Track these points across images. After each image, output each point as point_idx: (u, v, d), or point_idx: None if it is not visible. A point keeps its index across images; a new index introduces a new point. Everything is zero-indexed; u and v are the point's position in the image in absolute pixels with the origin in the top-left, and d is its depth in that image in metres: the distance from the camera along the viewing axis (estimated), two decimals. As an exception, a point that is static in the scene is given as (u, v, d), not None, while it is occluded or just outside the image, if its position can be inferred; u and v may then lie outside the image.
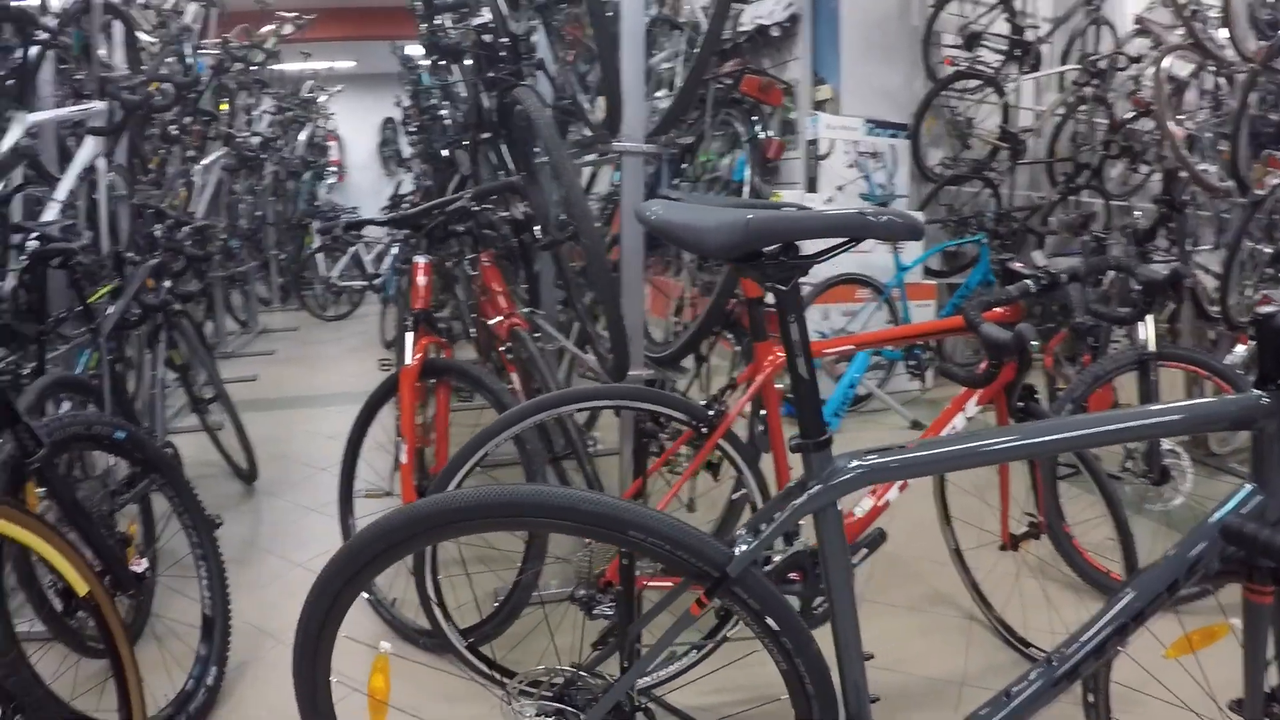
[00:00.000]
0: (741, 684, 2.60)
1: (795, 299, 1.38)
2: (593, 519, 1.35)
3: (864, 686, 1.48)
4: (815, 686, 1.43)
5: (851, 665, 1.47)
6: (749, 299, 2.46)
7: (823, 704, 1.44)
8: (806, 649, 1.42)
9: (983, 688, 2.61)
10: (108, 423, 2.58)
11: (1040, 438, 1.48)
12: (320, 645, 1.47)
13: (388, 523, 1.37)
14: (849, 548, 2.16)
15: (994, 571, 3.00)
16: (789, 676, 1.43)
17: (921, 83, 6.82)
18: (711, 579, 1.37)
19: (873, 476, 1.44)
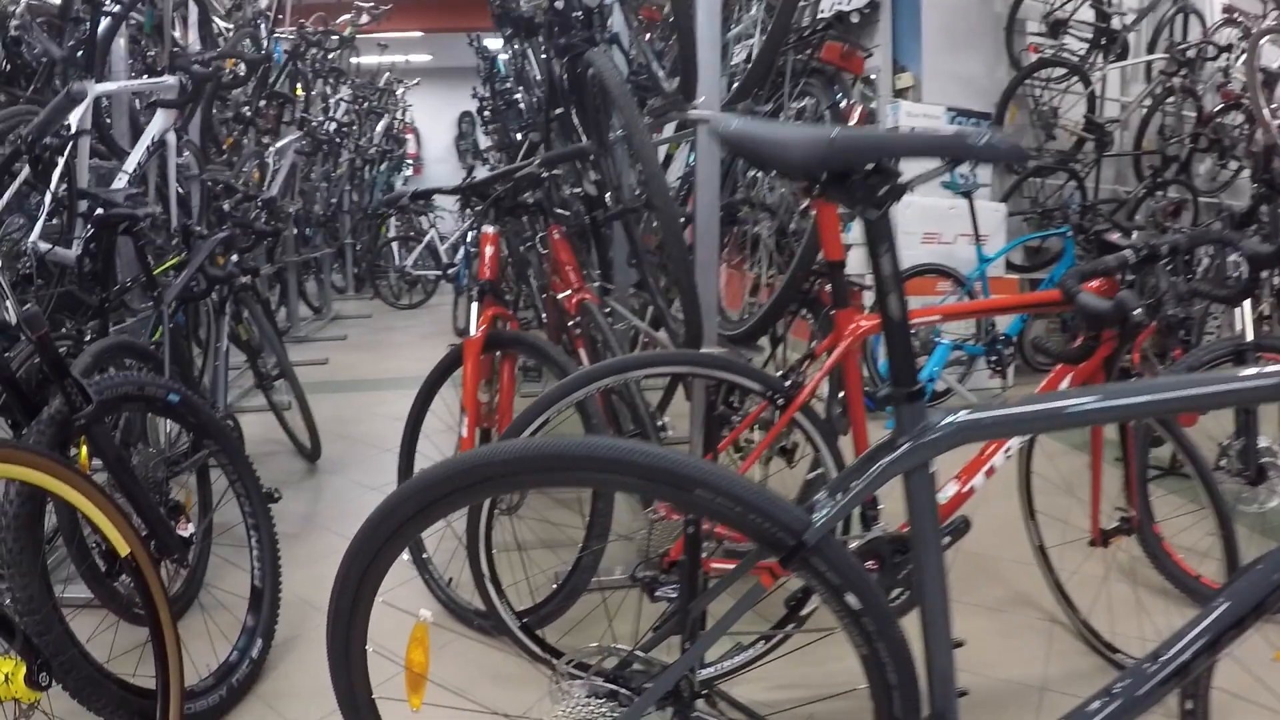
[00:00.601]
0: (811, 681, 2.47)
1: (887, 228, 1.23)
2: (655, 474, 1.20)
3: (952, 677, 1.32)
4: (898, 675, 1.27)
5: (939, 652, 1.31)
6: (830, 263, 2.29)
7: (905, 696, 1.28)
8: (889, 632, 1.26)
9: (1066, 694, 2.43)
10: (161, 385, 2.50)
11: (1145, 396, 1.29)
12: (356, 610, 1.35)
13: (432, 474, 1.25)
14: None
15: (1079, 572, 2.80)
16: (869, 664, 1.28)
17: (1004, 71, 6.61)
18: (787, 548, 1.22)
19: (969, 433, 1.27)
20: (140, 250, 3.48)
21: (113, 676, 2.08)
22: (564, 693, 1.34)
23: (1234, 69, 6.38)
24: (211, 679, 2.42)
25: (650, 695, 1.31)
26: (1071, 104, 6.78)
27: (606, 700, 1.33)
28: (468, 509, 2.29)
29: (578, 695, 1.33)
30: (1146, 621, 2.57)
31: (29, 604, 1.90)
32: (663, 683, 1.31)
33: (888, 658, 1.26)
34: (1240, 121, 6.19)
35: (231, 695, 2.42)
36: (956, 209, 5.80)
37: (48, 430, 2.15)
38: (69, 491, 1.95)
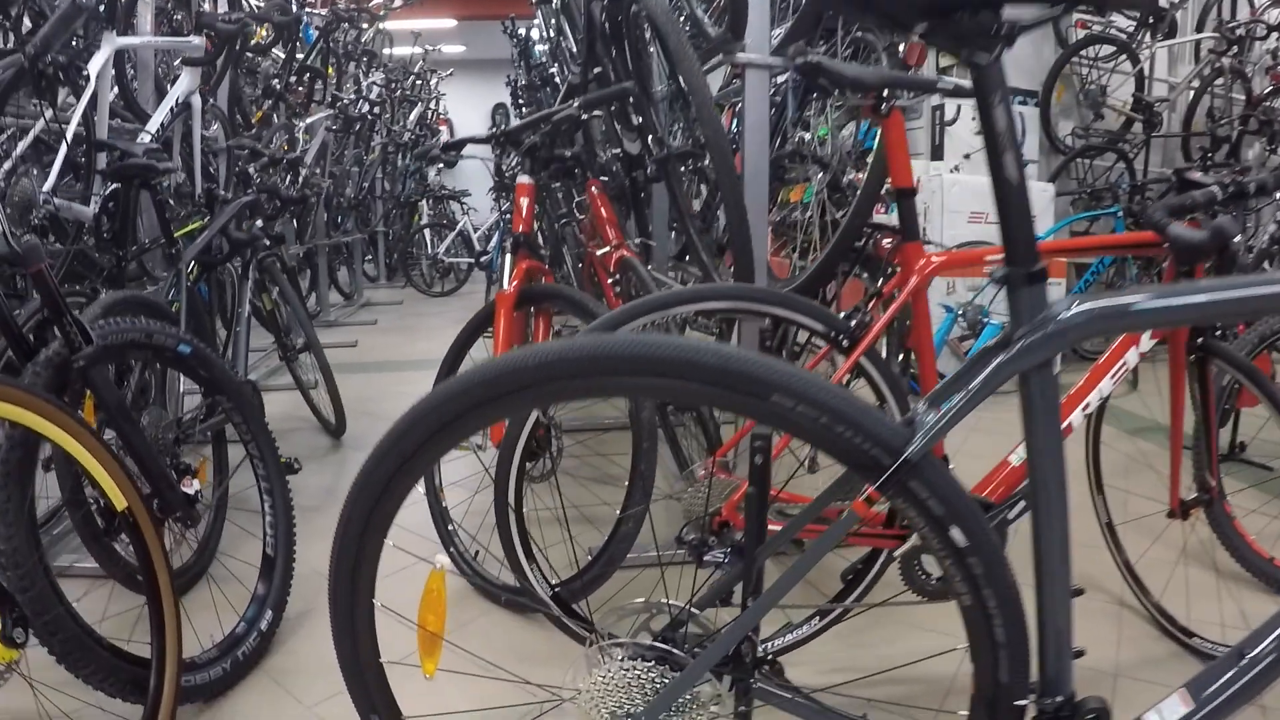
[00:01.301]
0: (861, 664, 2.26)
1: (999, 75, 1.01)
2: (723, 376, 0.99)
3: (1069, 633, 1.11)
4: (1007, 630, 1.05)
5: (1055, 602, 1.10)
6: (899, 190, 2.08)
7: (1014, 656, 1.07)
8: (1000, 575, 1.04)
9: (1140, 680, 2.20)
10: (171, 334, 2.32)
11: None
12: (363, 554, 1.15)
13: (454, 385, 1.05)
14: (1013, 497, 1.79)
15: (1150, 552, 2.60)
16: (972, 617, 1.06)
17: (1051, 48, 6.44)
18: (882, 468, 1.01)
19: (1105, 323, 1.06)
20: (159, 205, 3.32)
21: (104, 642, 1.90)
22: (603, 655, 1.12)
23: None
24: (215, 651, 2.23)
25: (708, 657, 1.09)
26: (1119, 83, 6.62)
27: (655, 665, 1.12)
28: (496, 467, 2.10)
29: (620, 658, 1.12)
30: (1223, 606, 2.42)
31: (12, 556, 1.72)
32: (725, 642, 1.10)
33: (996, 608, 1.05)
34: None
35: (236, 669, 2.23)
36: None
37: (44, 372, 1.98)
38: (62, 436, 1.79)
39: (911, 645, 2.34)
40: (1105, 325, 1.07)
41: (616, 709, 1.10)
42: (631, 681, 1.10)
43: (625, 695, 1.10)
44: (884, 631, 2.39)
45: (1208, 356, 2.16)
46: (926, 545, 1.03)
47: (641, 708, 1.10)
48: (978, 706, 1.10)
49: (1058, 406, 1.09)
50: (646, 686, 1.10)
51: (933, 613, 2.42)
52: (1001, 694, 1.08)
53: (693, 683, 1.09)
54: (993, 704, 1.08)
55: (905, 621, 2.42)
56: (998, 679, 1.07)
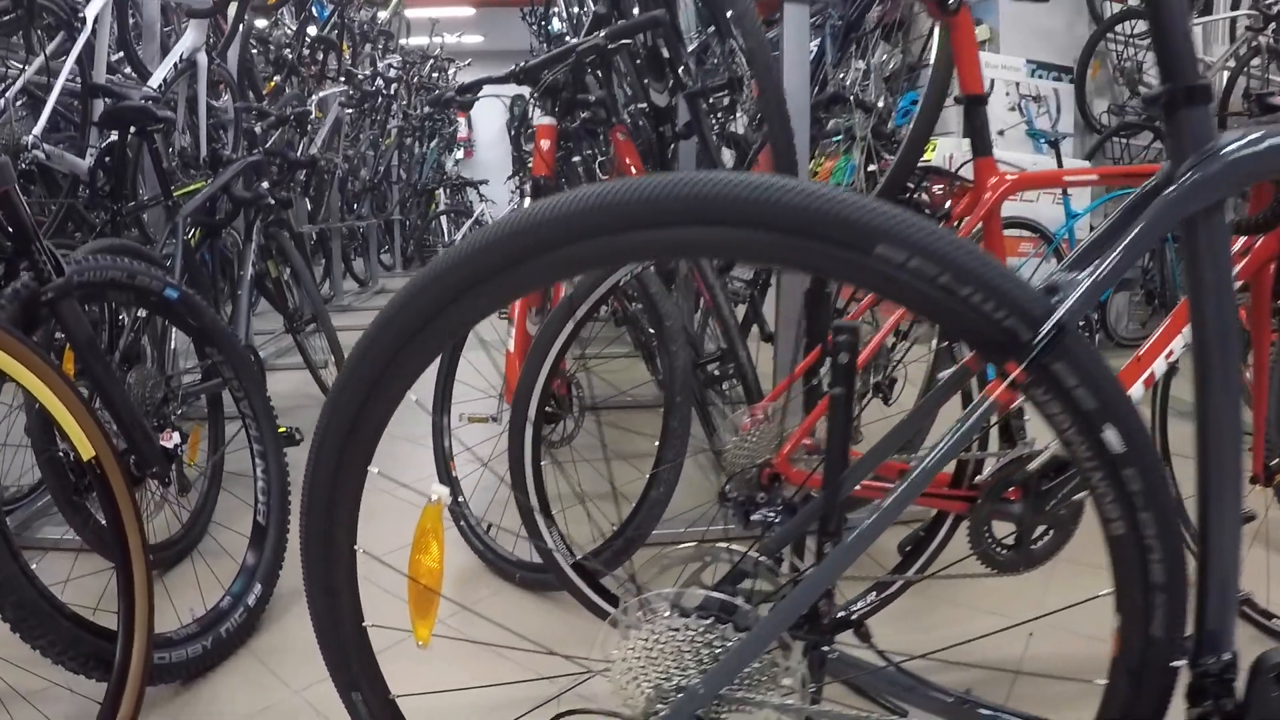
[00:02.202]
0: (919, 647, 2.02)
1: None
2: (810, 221, 0.75)
3: (1236, 572, 0.89)
4: (1166, 565, 0.82)
5: (1223, 528, 0.88)
6: (969, 98, 1.85)
7: (1172, 600, 0.84)
8: (1162, 492, 0.81)
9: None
10: (156, 277, 2.10)
11: None
12: (340, 484, 0.92)
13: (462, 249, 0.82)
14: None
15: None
16: (1124, 550, 0.83)
17: (1085, 24, 6.23)
18: (1015, 344, 0.78)
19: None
20: (155, 154, 3.10)
21: (66, 610, 1.67)
22: (646, 611, 0.88)
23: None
24: (195, 626, 2.00)
25: (786, 610, 0.84)
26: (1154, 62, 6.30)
27: (713, 623, 0.87)
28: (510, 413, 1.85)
29: (665, 613, 0.87)
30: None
31: (-46, 505, 1.50)
32: (808, 590, 0.85)
33: (1155, 537, 0.82)
34: None
35: (218, 646, 1.99)
36: (1039, 164, 5.47)
37: (9, 306, 1.76)
38: (23, 374, 1.57)
39: (969, 628, 2.10)
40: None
41: (661, 680, 0.86)
42: (682, 645, 0.85)
43: (673, 663, 0.85)
44: (940, 614, 2.15)
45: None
46: (1071, 452, 0.79)
47: (695, 678, 0.85)
48: (1119, 671, 0.87)
49: (1229, 262, 0.89)
50: (702, 651, 0.85)
51: (992, 593, 2.20)
52: (1152, 653, 0.85)
53: (765, 644, 0.84)
54: (1140, 666, 0.86)
55: (962, 602, 2.19)
56: (1149, 633, 0.85)
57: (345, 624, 1.01)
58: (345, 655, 1.02)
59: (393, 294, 0.84)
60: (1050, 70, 6.01)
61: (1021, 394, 0.79)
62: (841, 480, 0.92)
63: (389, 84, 8.55)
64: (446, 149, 13.72)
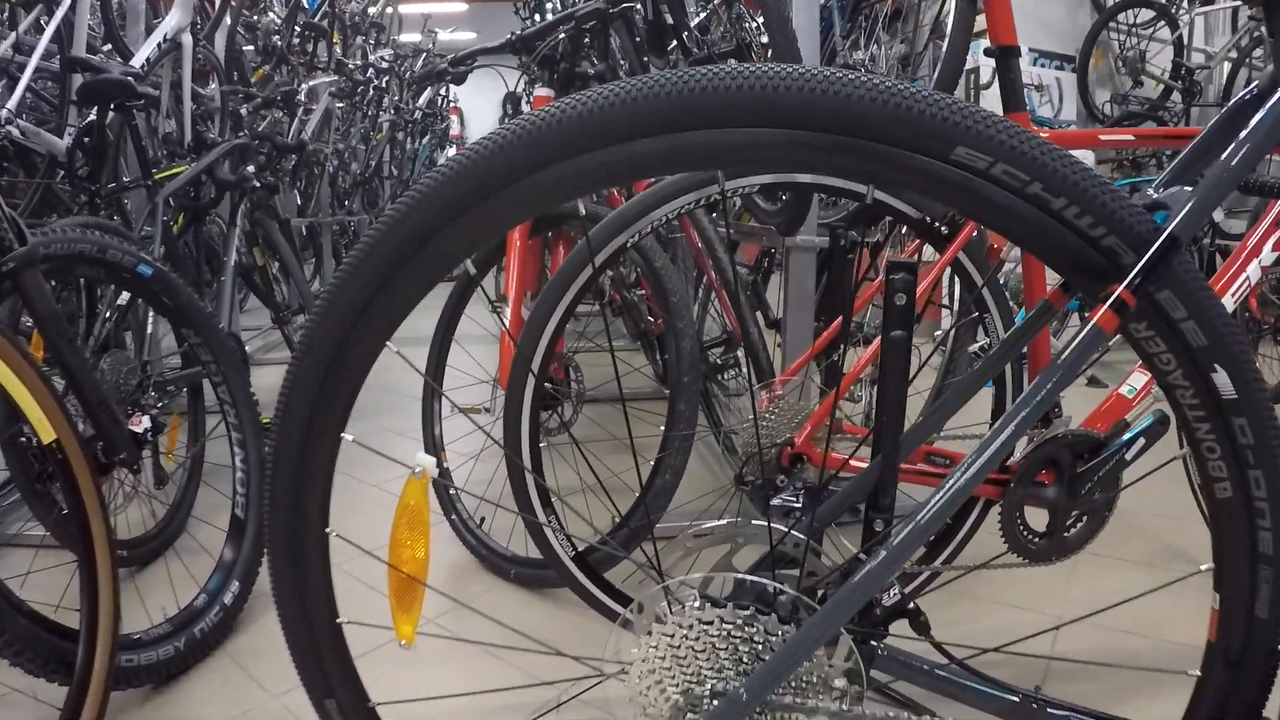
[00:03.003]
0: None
1: None
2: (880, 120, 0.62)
3: None
4: (1277, 530, 0.70)
5: None
6: (1002, 48, 1.72)
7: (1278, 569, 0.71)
8: (1275, 447, 0.69)
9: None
10: (129, 253, 1.97)
11: None
12: (308, 460, 0.79)
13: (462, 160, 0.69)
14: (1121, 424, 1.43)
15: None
16: (1230, 513, 0.71)
17: (1087, 13, 6.25)
18: (1115, 268, 0.66)
19: None
20: (134, 132, 2.96)
21: (24, 608, 1.54)
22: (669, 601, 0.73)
23: None
24: (168, 626, 1.86)
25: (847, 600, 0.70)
26: (1157, 50, 6.37)
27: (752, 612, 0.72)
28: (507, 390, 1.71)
29: (697, 605, 0.72)
30: None
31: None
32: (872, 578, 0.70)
33: (1266, 500, 0.69)
34: None
35: (192, 647, 1.85)
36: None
37: (-36, 277, 1.62)
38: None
39: (994, 622, 1.99)
40: None
41: (692, 683, 0.72)
42: (716, 641, 0.71)
43: (707, 662, 0.71)
44: (962, 608, 2.03)
45: None
46: (1172, 399, 0.66)
47: (735, 681, 0.71)
48: (1217, 657, 0.75)
49: None
50: (741, 648, 0.72)
51: (1018, 585, 2.08)
52: (1255, 634, 0.73)
53: (822, 640, 0.70)
54: (1241, 652, 0.73)
55: (985, 597, 2.07)
56: (1253, 612, 0.72)
57: (317, 621, 0.87)
58: (317, 656, 0.89)
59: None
60: (1052, 59, 5.98)
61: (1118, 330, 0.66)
62: (899, 444, 0.78)
63: (380, 75, 8.40)
64: (439, 145, 13.57)
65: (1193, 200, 0.68)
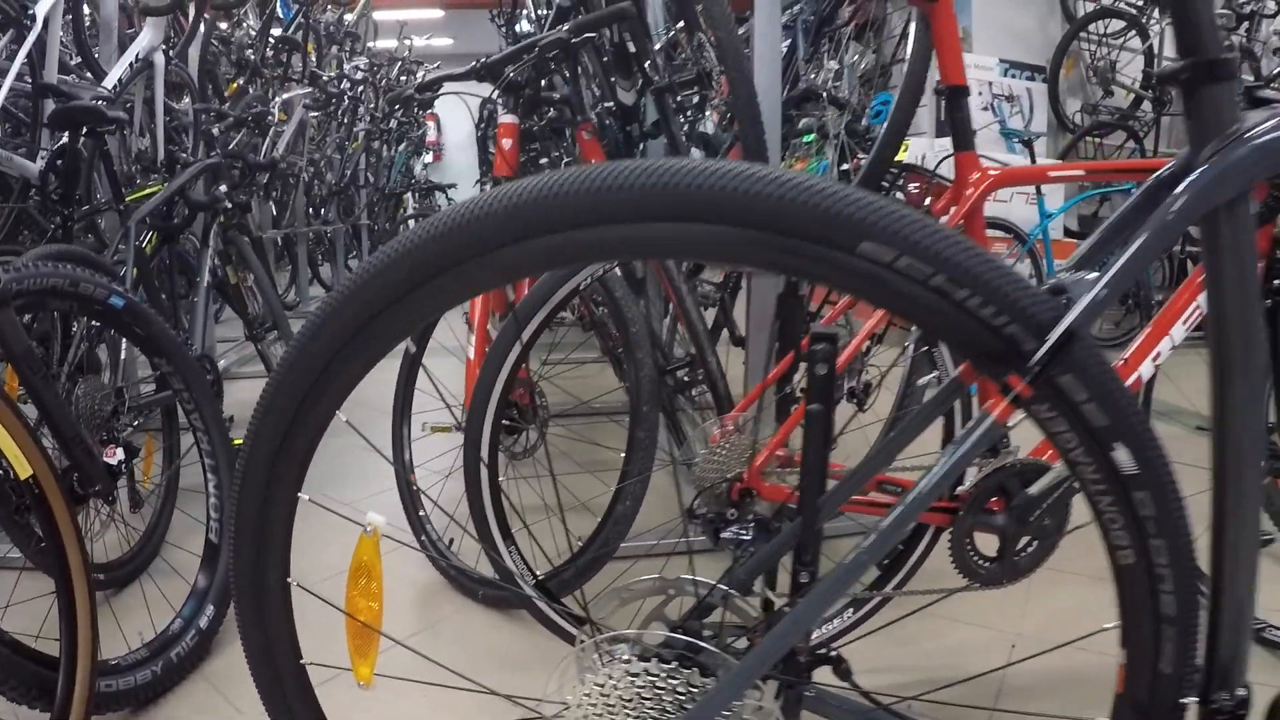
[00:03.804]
0: (906, 665, 1.96)
1: None
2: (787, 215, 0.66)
3: (1251, 601, 0.83)
4: (1179, 596, 0.75)
5: (1238, 556, 0.82)
6: (950, 89, 1.78)
7: (1182, 635, 0.77)
8: (1177, 517, 0.74)
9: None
10: (101, 285, 2.01)
11: None
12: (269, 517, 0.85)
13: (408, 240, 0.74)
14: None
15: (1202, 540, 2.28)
16: (1132, 579, 0.76)
17: (1058, 24, 6.30)
18: (1016, 354, 0.70)
19: None
20: (106, 156, 3.00)
21: (5, 636, 1.59)
22: (602, 654, 0.79)
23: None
24: (145, 651, 1.91)
25: (764, 654, 0.76)
26: (1128, 60, 6.43)
27: (676, 667, 0.78)
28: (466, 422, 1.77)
29: (625, 658, 0.79)
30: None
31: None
32: (787, 632, 0.76)
33: (1168, 567, 0.74)
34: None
35: (169, 672, 1.91)
36: (1011, 165, 5.35)
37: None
38: (-51, 390, 1.48)
39: (951, 641, 2.06)
40: None
41: (624, 730, 0.78)
42: (642, 691, 0.77)
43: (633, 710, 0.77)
44: (919, 626, 2.09)
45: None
46: (1076, 474, 0.72)
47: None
48: (1124, 708, 0.80)
49: (1255, 260, 0.80)
50: (665, 698, 0.78)
51: (975, 604, 2.14)
52: (1160, 689, 0.78)
53: (739, 691, 0.76)
54: (1147, 703, 0.79)
55: (943, 614, 2.13)
56: (1157, 668, 0.77)
57: (282, 662, 0.93)
58: (282, 695, 0.94)
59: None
60: (1023, 70, 6.04)
61: (1023, 410, 0.72)
62: (820, 505, 0.84)
63: (355, 86, 8.42)
64: (415, 152, 13.57)
65: (1093, 292, 0.73)
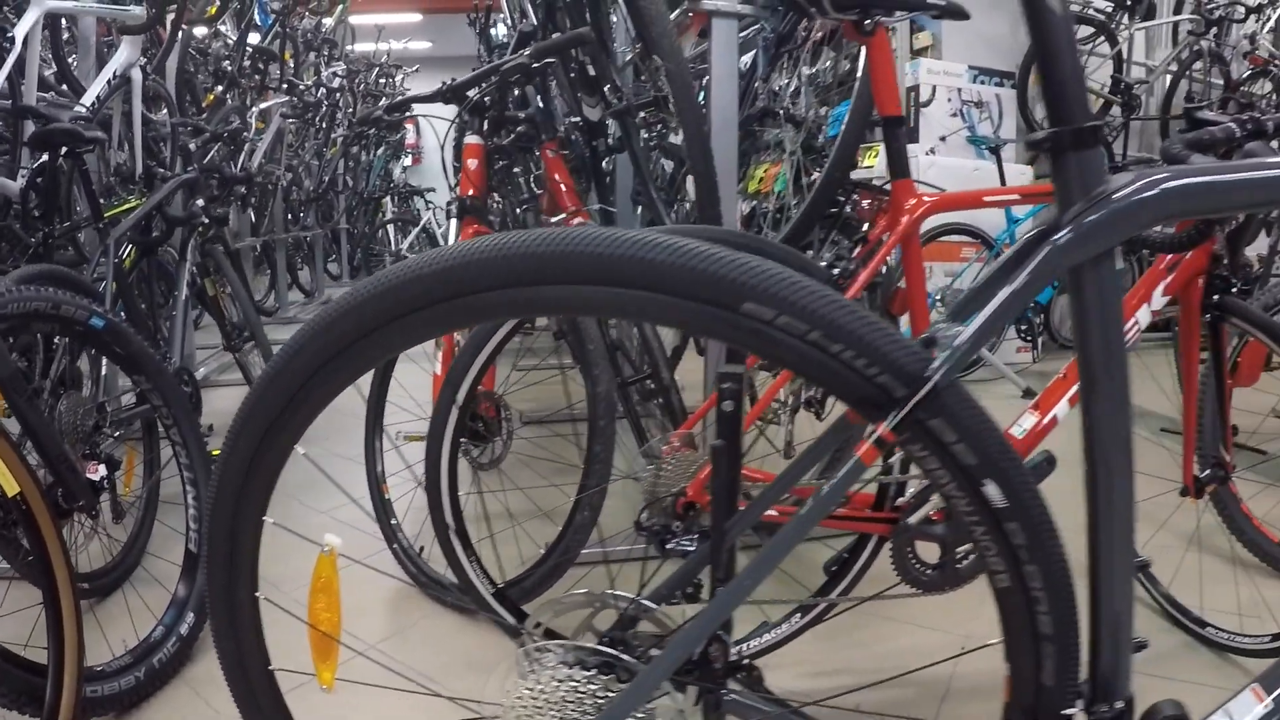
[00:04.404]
0: (857, 666, 2.06)
1: None
2: (675, 278, 0.75)
3: (1129, 619, 0.91)
4: (1055, 617, 0.83)
5: (1115, 578, 0.89)
6: (886, 119, 1.85)
7: (1062, 649, 0.85)
8: (1048, 544, 0.82)
9: (1155, 676, 2.00)
10: (83, 306, 2.09)
11: None
12: (239, 538, 0.94)
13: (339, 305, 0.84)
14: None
15: (1155, 539, 2.44)
16: (1010, 602, 0.84)
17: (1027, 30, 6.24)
18: (893, 400, 0.78)
19: (1188, 201, 0.84)
20: (85, 176, 3.08)
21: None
22: (536, 660, 0.89)
23: (1260, 34, 6.28)
24: (128, 658, 2.00)
25: (664, 663, 0.86)
26: (1097, 65, 6.47)
27: (598, 672, 0.89)
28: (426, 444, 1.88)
29: (556, 663, 0.89)
30: (1239, 592, 2.26)
31: None
32: (684, 643, 0.86)
33: (1042, 589, 0.82)
34: (1268, 90, 6.03)
35: (151, 677, 1.99)
36: (980, 170, 5.55)
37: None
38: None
39: (903, 643, 2.15)
40: (1180, 203, 0.84)
41: (553, 728, 0.88)
42: (568, 695, 0.87)
43: (561, 712, 0.88)
44: (872, 629, 2.20)
45: (1224, 316, 1.92)
46: (951, 507, 0.81)
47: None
48: (1013, 717, 0.89)
49: (1121, 313, 0.87)
50: (586, 702, 0.88)
51: (926, 607, 2.24)
52: (1044, 700, 0.86)
53: (647, 695, 0.86)
54: (1032, 713, 0.87)
55: (895, 617, 2.23)
56: (1040, 681, 0.86)
57: (253, 669, 1.02)
58: (254, 698, 1.04)
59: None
60: (992, 76, 6.07)
61: (899, 449, 0.80)
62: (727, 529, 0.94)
63: (332, 94, 8.49)
64: (394, 156, 13.61)
65: (953, 347, 0.80)
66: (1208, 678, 2.02)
